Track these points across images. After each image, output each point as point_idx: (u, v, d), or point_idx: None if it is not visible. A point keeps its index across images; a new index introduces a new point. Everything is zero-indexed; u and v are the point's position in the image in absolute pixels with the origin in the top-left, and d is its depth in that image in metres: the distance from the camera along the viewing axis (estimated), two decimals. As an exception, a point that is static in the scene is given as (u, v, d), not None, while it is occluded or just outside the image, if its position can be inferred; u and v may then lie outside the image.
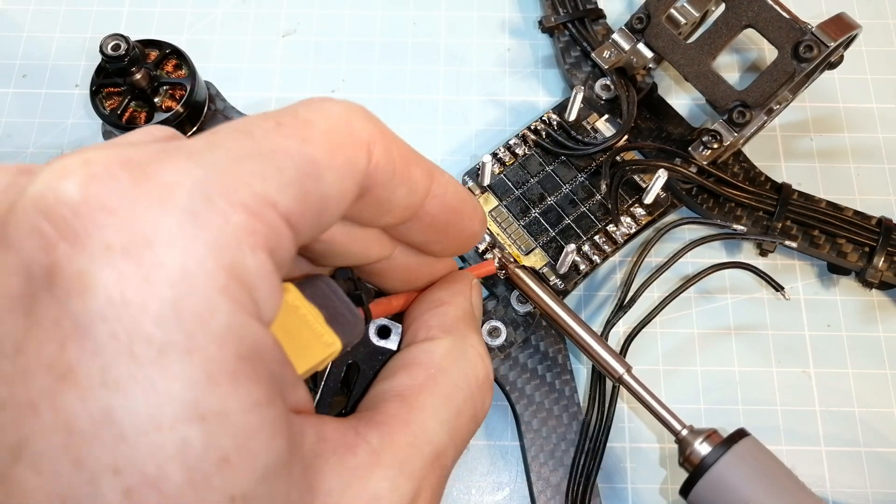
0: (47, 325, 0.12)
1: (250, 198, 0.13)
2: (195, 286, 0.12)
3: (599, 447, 0.29)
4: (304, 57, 0.38)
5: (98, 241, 0.12)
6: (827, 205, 0.33)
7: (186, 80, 0.33)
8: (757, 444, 0.25)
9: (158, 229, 0.12)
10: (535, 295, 0.29)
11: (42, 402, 0.12)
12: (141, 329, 0.12)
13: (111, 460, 0.12)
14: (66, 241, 0.12)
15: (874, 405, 0.31)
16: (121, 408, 0.12)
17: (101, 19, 0.39)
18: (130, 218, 0.12)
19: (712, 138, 0.32)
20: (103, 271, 0.12)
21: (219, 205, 0.13)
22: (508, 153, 0.33)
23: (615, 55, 0.34)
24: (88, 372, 0.12)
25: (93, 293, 0.12)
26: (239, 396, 0.13)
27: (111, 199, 0.12)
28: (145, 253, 0.12)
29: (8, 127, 0.36)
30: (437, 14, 0.39)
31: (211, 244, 0.13)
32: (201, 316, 0.12)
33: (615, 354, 0.28)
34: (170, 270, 0.12)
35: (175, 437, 0.12)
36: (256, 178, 0.14)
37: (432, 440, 0.18)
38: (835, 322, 0.33)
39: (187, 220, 0.12)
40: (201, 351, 0.12)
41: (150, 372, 0.12)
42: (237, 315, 0.13)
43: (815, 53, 0.29)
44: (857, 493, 0.30)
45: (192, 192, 0.13)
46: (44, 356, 0.12)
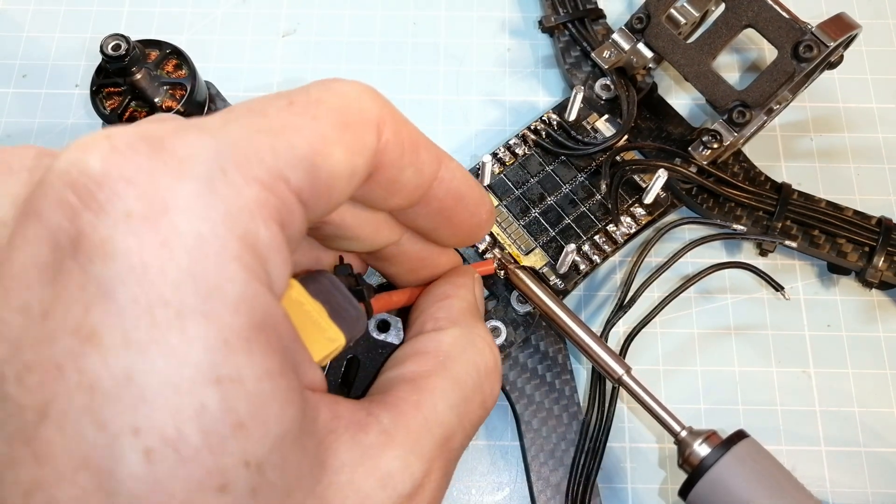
0: (73, 290, 0.12)
1: (263, 172, 0.14)
2: (209, 253, 0.13)
3: (599, 447, 0.29)
4: (304, 57, 0.38)
5: (119, 209, 0.12)
6: (827, 205, 0.33)
7: (186, 80, 0.33)
8: (756, 445, 0.25)
9: (175, 197, 0.13)
10: (535, 296, 0.29)
11: (67, 363, 0.12)
12: (159, 293, 0.12)
13: (132, 421, 0.12)
14: (90, 211, 0.12)
15: (874, 405, 0.31)
16: (141, 369, 0.12)
17: (101, 19, 0.39)
18: (149, 187, 0.13)
19: (712, 138, 0.32)
20: (124, 237, 0.12)
21: (233, 177, 0.13)
22: (508, 153, 0.33)
23: (615, 55, 0.34)
24: (111, 334, 0.12)
25: (114, 258, 0.12)
26: (253, 363, 0.13)
27: (131, 170, 0.13)
28: (163, 220, 0.13)
29: (8, 127, 0.36)
30: (437, 14, 0.39)
31: (225, 213, 0.13)
32: (216, 282, 0.13)
33: (615, 355, 0.28)
34: (186, 237, 0.13)
35: (193, 399, 0.12)
36: (268, 153, 0.14)
37: (442, 423, 0.18)
38: (835, 322, 0.33)
39: (203, 190, 0.13)
40: (217, 316, 0.13)
41: (168, 335, 0.12)
42: (251, 284, 0.13)
43: (815, 53, 0.29)
44: (857, 493, 0.30)
45: (208, 164, 0.13)
46: (69, 320, 0.12)
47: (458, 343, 0.20)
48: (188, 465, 0.12)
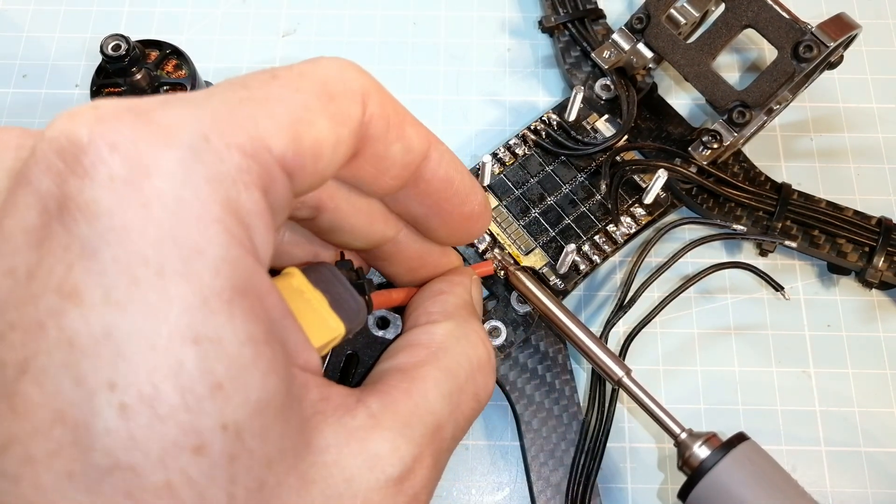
0: (57, 252, 0.13)
1: (245, 140, 0.14)
2: (190, 215, 0.13)
3: (599, 447, 0.29)
4: (304, 57, 0.38)
5: (103, 173, 0.13)
6: (827, 205, 0.33)
7: (186, 80, 0.33)
8: (756, 448, 0.25)
9: (158, 163, 0.13)
10: (535, 297, 0.29)
11: (49, 320, 0.12)
12: (140, 252, 0.13)
13: (108, 376, 0.12)
14: (76, 175, 0.13)
15: (874, 405, 0.31)
16: (120, 326, 0.12)
17: (101, 19, 0.39)
18: (133, 153, 0.13)
19: (712, 138, 0.32)
20: (107, 198, 0.13)
21: (215, 144, 0.14)
22: (508, 153, 0.33)
23: (615, 55, 0.34)
24: (92, 292, 0.12)
25: (97, 218, 0.13)
26: (233, 326, 0.13)
27: (116, 137, 0.13)
28: (145, 182, 0.13)
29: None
30: (437, 14, 0.39)
31: (207, 178, 0.13)
32: (197, 243, 0.13)
33: (615, 357, 0.28)
34: (167, 198, 0.13)
35: (170, 357, 0.12)
36: (250, 121, 0.14)
37: (433, 410, 0.18)
38: (835, 322, 0.33)
39: (186, 156, 0.13)
40: (196, 276, 0.13)
41: (148, 293, 0.12)
42: (232, 247, 0.13)
43: (815, 53, 0.29)
44: (857, 493, 0.30)
45: (191, 133, 0.14)
46: (52, 279, 0.13)
47: (451, 335, 0.20)
48: (164, 422, 0.12)
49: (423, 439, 0.17)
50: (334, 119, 0.16)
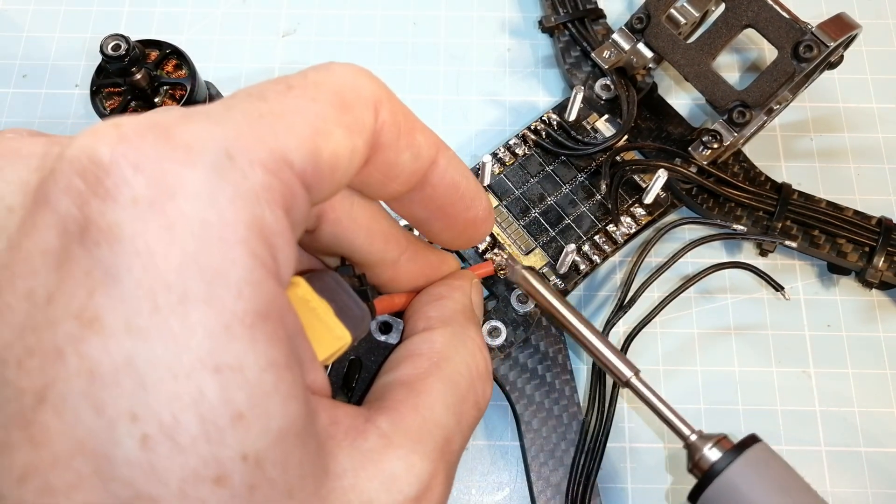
0: (78, 276, 0.12)
1: (267, 156, 0.14)
2: (215, 237, 0.13)
3: (599, 447, 0.29)
4: (304, 57, 0.38)
5: (126, 195, 0.13)
6: (827, 205, 0.33)
7: (186, 80, 0.33)
8: (768, 450, 0.24)
9: (182, 183, 0.13)
10: (541, 297, 0.29)
11: (68, 347, 0.12)
12: (164, 278, 0.12)
13: (129, 406, 0.12)
14: (98, 197, 0.13)
15: (874, 405, 0.31)
16: (141, 355, 0.12)
17: (101, 19, 0.39)
18: (156, 173, 0.13)
19: (712, 138, 0.32)
20: (131, 222, 0.12)
21: (239, 162, 0.13)
22: (508, 153, 0.33)
23: (615, 55, 0.34)
24: (113, 319, 0.12)
25: (120, 243, 0.12)
26: (255, 352, 0.13)
27: (138, 157, 0.13)
28: (169, 205, 0.13)
29: (8, 127, 0.36)
30: (437, 14, 0.39)
31: (231, 198, 0.13)
32: (220, 267, 0.13)
33: (623, 357, 0.27)
34: (192, 221, 0.13)
35: (191, 386, 0.12)
36: (271, 137, 0.14)
37: (441, 423, 0.18)
38: (835, 322, 0.33)
39: (209, 175, 0.13)
40: (219, 302, 0.13)
41: (170, 320, 0.12)
42: (256, 270, 0.13)
43: (815, 53, 0.29)
44: (857, 493, 0.30)
45: (214, 151, 0.13)
46: (72, 305, 0.12)
47: (450, 343, 0.20)
48: (185, 453, 0.12)
49: (435, 454, 0.17)
50: (350, 129, 0.16)
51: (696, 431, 0.25)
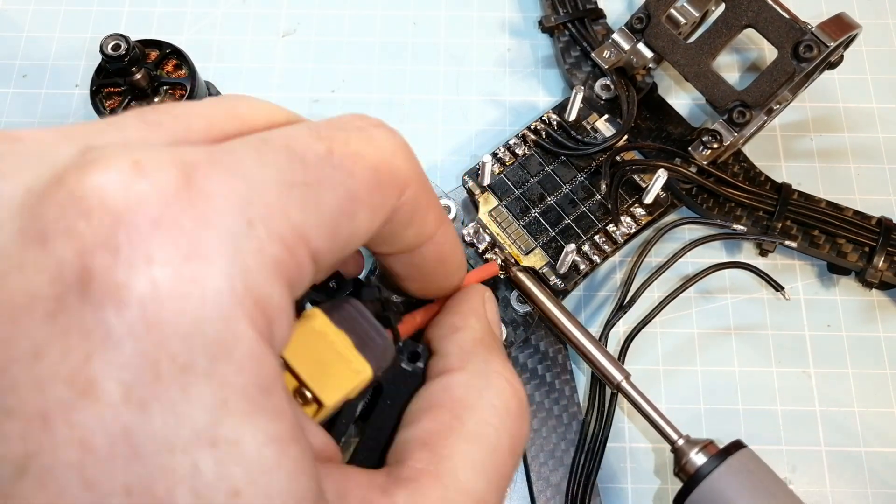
0: (72, 336, 0.11)
1: (287, 230, 0.13)
2: (225, 310, 0.12)
3: (599, 447, 0.29)
4: (304, 57, 0.38)
5: (141, 254, 0.12)
6: (827, 205, 0.33)
7: (186, 80, 0.33)
8: (753, 456, 0.25)
9: (200, 247, 0.12)
10: (536, 298, 0.29)
11: (56, 415, 0.11)
12: (169, 348, 0.12)
13: (123, 481, 0.11)
14: (107, 250, 0.11)
15: (874, 405, 0.31)
16: (139, 427, 0.11)
17: (101, 19, 0.39)
18: (174, 231, 0.12)
19: (712, 138, 0.32)
20: (142, 285, 0.11)
21: (258, 231, 0.13)
22: (508, 153, 0.33)
23: (615, 55, 0.34)
24: (111, 388, 0.11)
25: (128, 307, 0.11)
26: (254, 427, 0.12)
27: (157, 210, 0.12)
28: (185, 270, 0.12)
29: (8, 127, 0.36)
30: (437, 14, 0.39)
31: (246, 271, 0.12)
32: (225, 340, 0.12)
33: (614, 361, 0.28)
34: (205, 290, 0.12)
35: (187, 461, 0.12)
36: (297, 209, 0.13)
37: (468, 490, 0.16)
38: (835, 322, 0.33)
39: (227, 242, 0.12)
40: (220, 375, 0.12)
41: (171, 392, 0.12)
42: (259, 344, 0.12)
43: (815, 53, 0.29)
44: (857, 493, 0.30)
45: (235, 214, 0.12)
46: (64, 367, 0.11)
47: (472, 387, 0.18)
48: None
49: None
50: (373, 210, 0.15)
51: (683, 436, 0.26)
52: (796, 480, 0.30)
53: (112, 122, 0.14)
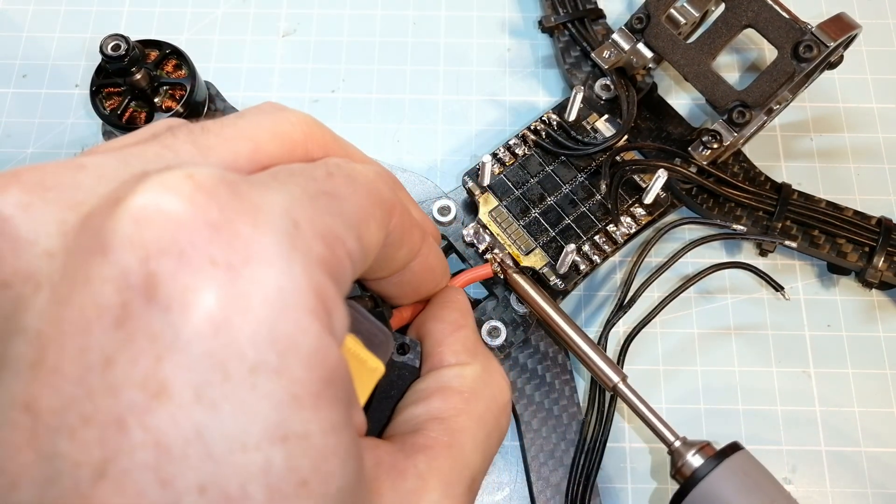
0: (142, 340, 0.12)
1: (326, 230, 0.14)
2: (289, 306, 0.12)
3: (599, 447, 0.29)
4: (304, 57, 0.38)
5: (203, 257, 0.12)
6: (827, 205, 0.33)
7: (186, 80, 0.33)
8: (750, 458, 0.25)
9: (257, 248, 0.12)
10: (532, 300, 0.29)
11: (131, 418, 0.11)
12: (236, 347, 0.12)
13: (197, 479, 0.12)
14: (170, 256, 0.12)
15: (874, 405, 0.31)
16: (211, 426, 0.12)
17: (101, 19, 0.39)
18: (233, 235, 0.12)
19: (712, 138, 0.32)
20: (206, 288, 0.12)
21: (304, 230, 0.13)
22: (508, 153, 0.33)
23: (615, 55, 0.34)
24: (182, 389, 0.12)
25: (195, 309, 0.12)
26: (319, 419, 0.13)
27: (216, 216, 0.12)
28: (246, 271, 0.12)
29: (8, 127, 0.36)
30: (437, 14, 0.39)
31: (302, 265, 0.13)
32: (292, 336, 0.12)
33: (610, 363, 0.28)
34: (268, 290, 0.12)
35: (259, 457, 0.12)
36: (327, 214, 0.14)
37: (470, 464, 0.19)
38: (835, 322, 0.33)
39: (281, 241, 0.13)
40: (289, 371, 0.12)
41: (241, 391, 0.12)
42: (323, 337, 0.13)
43: (815, 53, 0.29)
44: (857, 494, 0.30)
45: (284, 216, 0.13)
46: (136, 372, 0.12)
47: (480, 379, 0.21)
48: None
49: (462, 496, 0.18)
50: (378, 224, 0.16)
51: (679, 438, 0.26)
52: (796, 481, 0.30)
53: (167, 144, 0.15)
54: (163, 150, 0.15)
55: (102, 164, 0.14)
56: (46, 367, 0.12)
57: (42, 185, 0.13)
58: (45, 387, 0.12)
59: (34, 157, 0.36)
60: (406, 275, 0.20)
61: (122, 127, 0.32)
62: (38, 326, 0.12)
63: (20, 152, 0.36)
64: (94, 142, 0.36)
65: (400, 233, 0.18)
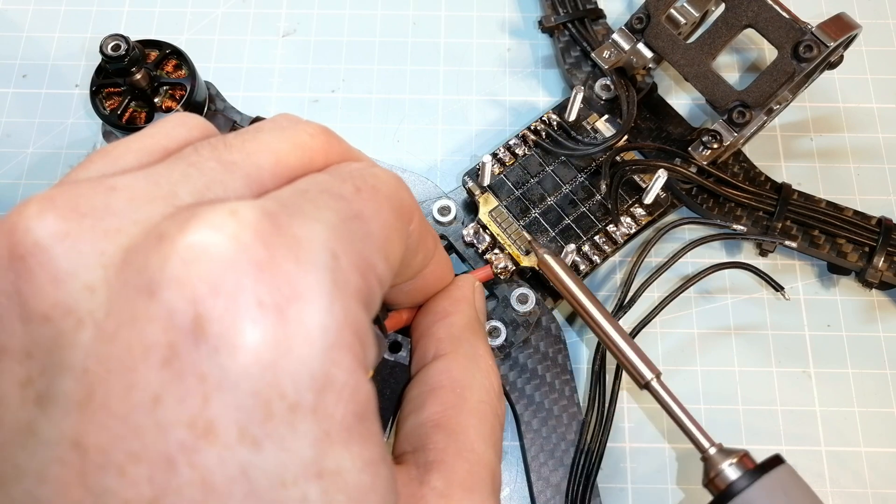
0: (190, 380, 0.12)
1: (359, 259, 0.14)
2: (329, 345, 0.13)
3: (599, 447, 0.29)
4: (304, 57, 0.38)
5: (251, 299, 0.12)
6: (827, 205, 0.33)
7: (186, 80, 0.33)
8: (792, 474, 0.23)
9: (301, 287, 0.13)
10: (563, 285, 0.28)
11: (180, 456, 0.12)
12: (280, 387, 0.12)
13: None
14: (219, 297, 0.12)
15: (874, 405, 0.31)
16: (254, 464, 0.12)
17: (101, 19, 0.39)
18: (278, 274, 0.12)
19: (712, 138, 0.32)
20: (254, 329, 0.12)
21: (343, 264, 0.13)
22: (508, 153, 0.33)
23: (615, 55, 0.34)
24: (228, 428, 0.12)
25: (242, 350, 0.12)
26: (352, 455, 0.13)
27: (262, 255, 0.12)
28: (290, 310, 0.12)
29: (8, 127, 0.36)
30: (437, 14, 0.39)
31: (342, 302, 0.13)
32: (330, 373, 0.13)
33: (645, 358, 0.26)
34: (311, 330, 0.12)
35: (297, 493, 0.12)
36: (359, 240, 0.14)
37: (484, 461, 0.18)
38: (835, 322, 0.33)
39: (324, 279, 0.13)
40: (323, 409, 0.13)
41: (281, 429, 0.12)
42: (357, 373, 0.13)
43: (815, 53, 0.29)
44: (857, 493, 0.30)
45: (323, 251, 0.13)
46: (184, 411, 0.12)
47: (466, 368, 0.20)
48: None
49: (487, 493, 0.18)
50: (400, 235, 0.16)
51: (715, 444, 0.24)
52: None
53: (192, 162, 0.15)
54: (189, 168, 0.15)
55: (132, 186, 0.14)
56: (94, 405, 0.12)
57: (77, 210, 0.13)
58: (94, 424, 0.12)
59: (34, 156, 0.36)
60: (418, 282, 0.20)
61: (123, 127, 0.32)
62: (85, 364, 0.12)
63: (20, 152, 0.36)
64: (94, 142, 0.36)
65: (417, 239, 0.18)
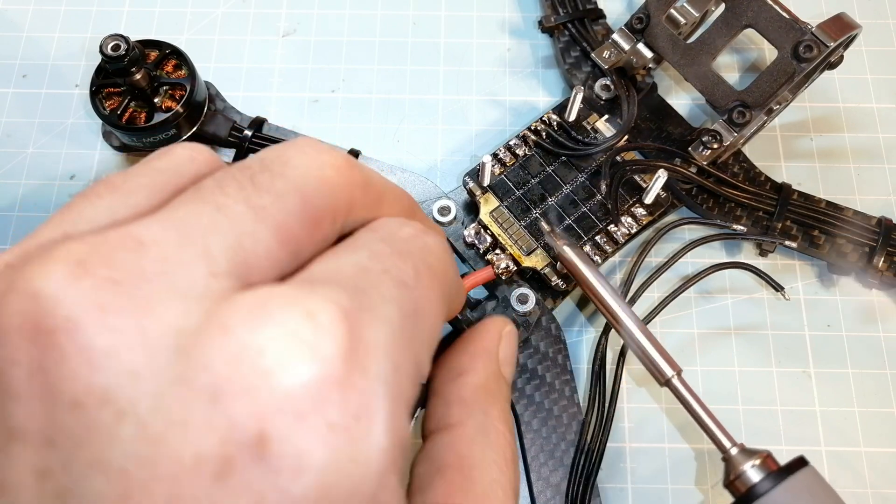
0: (244, 499, 0.11)
1: (413, 366, 0.14)
2: (384, 469, 0.12)
3: (599, 447, 0.29)
4: (304, 57, 0.38)
5: (321, 420, 0.11)
6: (827, 205, 0.33)
7: (186, 80, 0.33)
8: (817, 477, 0.23)
9: (370, 406, 0.12)
10: (582, 277, 0.27)
11: None
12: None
13: None
14: (289, 414, 0.11)
15: (874, 405, 0.31)
16: None
17: (101, 19, 0.39)
18: (351, 393, 0.12)
19: (712, 138, 0.32)
20: (322, 451, 0.11)
21: (401, 375, 0.13)
22: (509, 154, 0.33)
23: (615, 55, 0.34)
24: None
25: (308, 473, 0.11)
26: None
27: (340, 373, 0.12)
28: (355, 431, 0.12)
29: (8, 127, 0.36)
30: (437, 14, 0.39)
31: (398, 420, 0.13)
32: (377, 496, 0.12)
33: (666, 355, 0.25)
34: (372, 453, 0.12)
35: None
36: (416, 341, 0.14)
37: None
38: (835, 322, 0.33)
39: (387, 395, 0.12)
40: None
41: None
42: (397, 492, 0.13)
43: (815, 53, 0.29)
44: (857, 493, 0.30)
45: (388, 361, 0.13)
46: None
47: (475, 441, 0.19)
48: None
49: None
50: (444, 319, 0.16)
51: (737, 444, 0.24)
52: None
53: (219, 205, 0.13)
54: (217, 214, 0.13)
55: (162, 241, 0.13)
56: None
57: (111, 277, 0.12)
58: None
59: (34, 157, 0.36)
60: None
61: (122, 127, 0.32)
62: (124, 464, 0.11)
63: (20, 152, 0.36)
64: (95, 140, 0.36)
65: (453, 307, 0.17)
